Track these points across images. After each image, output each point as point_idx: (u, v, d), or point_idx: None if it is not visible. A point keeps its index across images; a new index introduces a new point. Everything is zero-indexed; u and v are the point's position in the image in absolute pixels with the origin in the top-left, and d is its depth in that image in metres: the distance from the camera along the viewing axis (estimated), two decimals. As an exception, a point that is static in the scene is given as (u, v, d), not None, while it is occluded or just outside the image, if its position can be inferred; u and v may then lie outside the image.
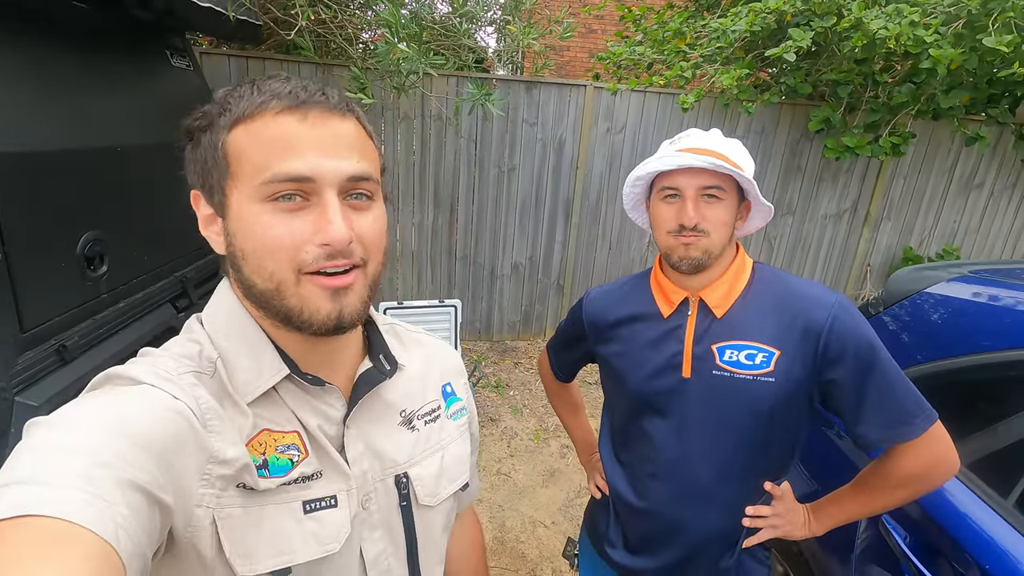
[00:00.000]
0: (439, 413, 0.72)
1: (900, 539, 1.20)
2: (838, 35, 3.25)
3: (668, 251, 1.02)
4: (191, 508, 0.49)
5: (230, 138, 0.52)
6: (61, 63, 1.64)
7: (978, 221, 4.52)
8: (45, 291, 1.47)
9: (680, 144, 1.01)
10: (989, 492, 1.14)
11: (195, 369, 0.54)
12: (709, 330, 1.02)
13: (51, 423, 0.43)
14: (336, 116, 0.53)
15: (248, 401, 0.55)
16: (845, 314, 0.97)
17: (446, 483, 0.70)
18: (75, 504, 0.36)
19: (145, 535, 0.41)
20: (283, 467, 0.56)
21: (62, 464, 0.39)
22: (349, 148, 0.53)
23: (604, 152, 4.06)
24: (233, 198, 0.53)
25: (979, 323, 1.35)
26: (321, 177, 0.51)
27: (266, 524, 0.54)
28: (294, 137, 0.51)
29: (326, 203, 0.51)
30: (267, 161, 0.51)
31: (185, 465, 0.48)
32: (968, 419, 1.26)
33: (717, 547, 1.07)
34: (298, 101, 0.51)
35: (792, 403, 1.00)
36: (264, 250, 0.51)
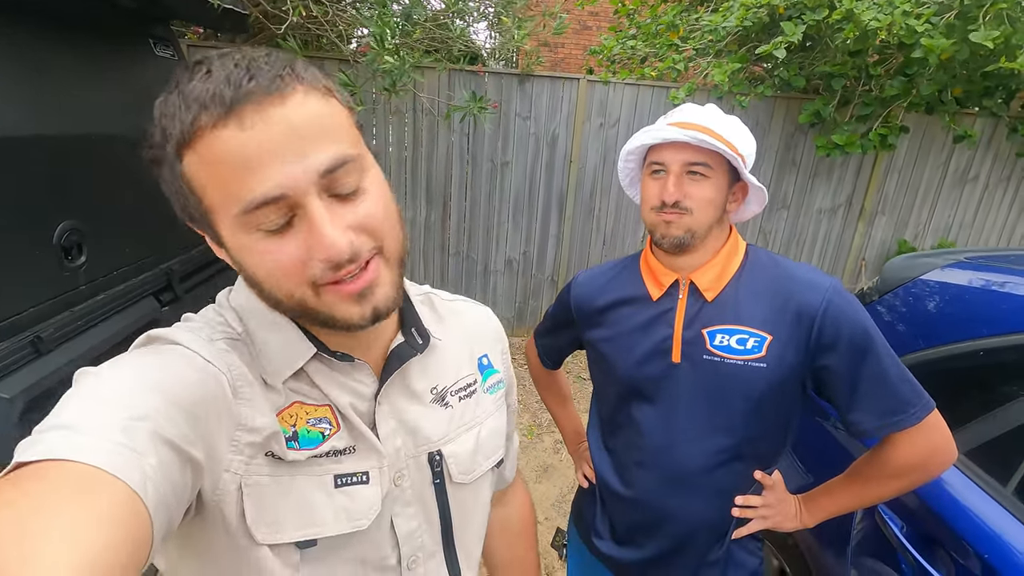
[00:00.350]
0: (475, 388, 0.70)
1: (897, 529, 1.17)
2: (830, 27, 3.23)
3: (651, 228, 1.00)
4: (219, 472, 0.49)
5: (184, 170, 0.46)
6: (38, 48, 1.60)
7: (972, 215, 4.51)
8: (19, 281, 1.42)
9: (671, 118, 0.99)
10: (987, 480, 1.11)
11: (229, 336, 0.54)
12: (700, 314, 0.99)
13: (98, 374, 0.45)
14: (275, 101, 0.44)
15: (277, 383, 0.55)
16: (840, 298, 0.93)
17: (481, 460, 0.68)
18: (107, 453, 0.38)
19: (172, 490, 0.41)
20: (314, 440, 0.55)
21: (102, 414, 0.41)
22: (309, 137, 0.45)
23: (598, 146, 4.03)
24: (222, 231, 0.48)
25: (976, 309, 1.32)
26: (293, 188, 0.44)
27: (295, 495, 0.53)
28: (240, 152, 0.43)
29: (311, 215, 0.46)
30: (228, 191, 0.45)
31: (216, 428, 0.48)
32: (966, 406, 1.24)
33: (706, 537, 1.04)
34: (226, 105, 0.43)
35: (784, 389, 0.97)
36: (272, 276, 0.49)
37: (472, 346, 0.72)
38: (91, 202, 1.69)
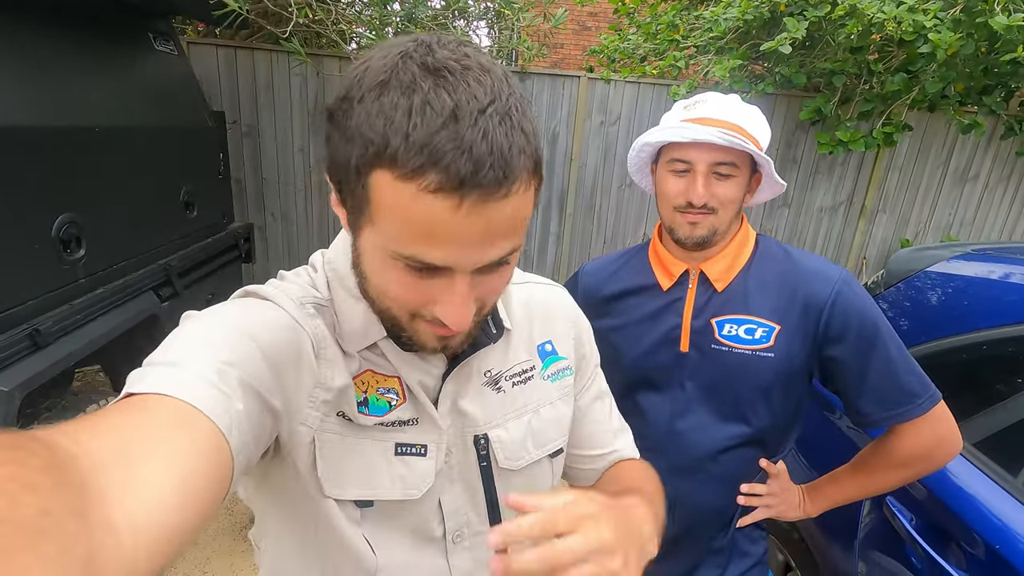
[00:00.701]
0: (531, 374, 0.68)
1: (906, 521, 1.16)
2: (833, 23, 3.22)
3: (673, 226, 0.97)
4: (295, 424, 0.53)
5: (374, 179, 0.44)
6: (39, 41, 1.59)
7: (973, 213, 4.50)
8: (17, 273, 1.41)
9: (696, 111, 0.94)
10: (997, 470, 1.10)
11: (317, 301, 0.58)
12: (709, 303, 0.98)
13: (200, 317, 0.50)
14: (497, 198, 0.43)
15: (353, 351, 0.58)
16: (848, 289, 0.93)
17: (532, 447, 0.67)
18: (203, 394, 0.41)
19: (253, 434, 0.45)
20: (382, 408, 0.58)
21: (202, 356, 0.45)
22: (500, 236, 0.46)
23: (598, 144, 4.03)
24: (366, 234, 0.48)
25: (982, 300, 1.31)
26: (459, 266, 0.46)
27: (358, 456, 0.57)
28: (442, 228, 0.43)
29: (456, 285, 0.47)
30: (405, 238, 0.45)
31: (297, 383, 0.52)
32: (974, 397, 1.22)
33: (711, 525, 1.04)
34: (458, 180, 0.41)
35: (791, 379, 0.97)
36: (385, 295, 0.51)
37: (533, 331, 0.70)
38: (90, 196, 1.68)
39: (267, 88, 3.62)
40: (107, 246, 1.76)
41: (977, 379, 1.26)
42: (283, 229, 3.94)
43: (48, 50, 1.62)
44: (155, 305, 1.96)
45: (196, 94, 2.49)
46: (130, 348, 1.91)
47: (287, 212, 3.90)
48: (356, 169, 0.45)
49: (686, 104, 0.98)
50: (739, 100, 0.96)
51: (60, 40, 1.68)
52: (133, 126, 1.92)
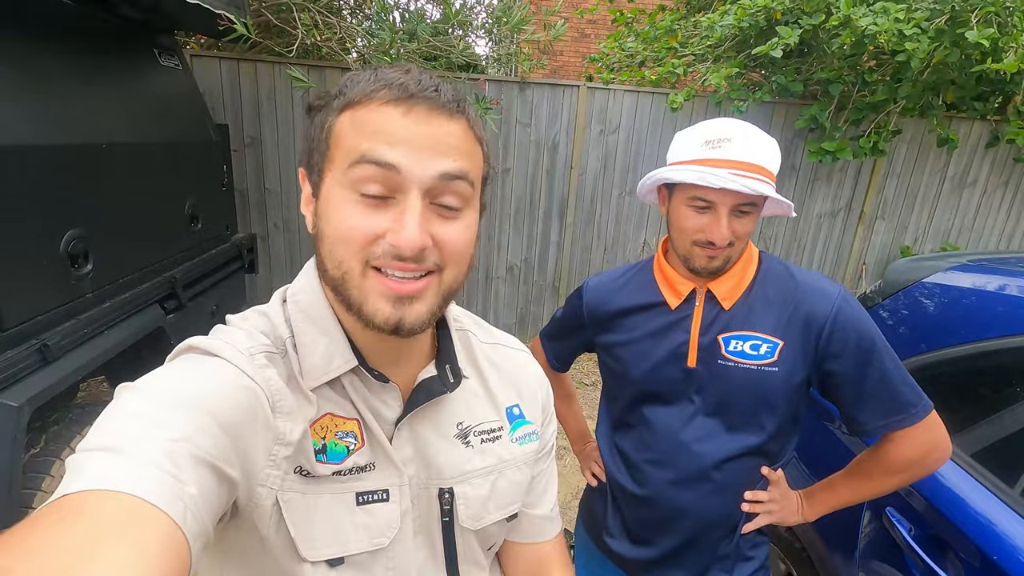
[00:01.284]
0: (500, 434, 0.67)
1: (905, 531, 1.17)
2: (827, 32, 3.26)
3: (689, 256, 0.99)
4: (254, 486, 0.50)
5: (338, 122, 0.51)
6: (46, 58, 1.61)
7: (972, 219, 4.53)
8: (26, 289, 1.43)
9: (722, 152, 0.93)
10: (994, 481, 1.11)
11: (268, 350, 0.54)
12: (716, 320, 1.01)
13: (137, 389, 0.46)
14: (443, 115, 0.50)
15: (313, 386, 0.55)
16: (847, 306, 0.97)
17: (493, 509, 0.65)
18: (150, 483, 0.38)
19: (210, 514, 0.42)
20: (339, 454, 0.55)
21: (145, 435, 0.41)
22: (448, 148, 0.50)
23: (598, 153, 4.05)
24: (326, 179, 0.52)
25: (980, 311, 1.33)
26: (407, 170, 0.48)
27: (322, 512, 0.54)
28: (392, 128, 0.49)
29: (407, 204, 0.49)
30: (357, 145, 0.49)
31: (253, 443, 0.49)
32: (972, 408, 1.24)
33: (718, 533, 1.06)
34: (406, 94, 0.49)
35: (793, 391, 1.00)
36: (339, 238, 0.50)
37: (505, 393, 0.69)
38: (97, 210, 1.70)
39: (269, 99, 3.65)
40: (114, 260, 1.79)
41: (974, 390, 1.27)
42: (285, 239, 3.97)
43: (55, 68, 1.65)
44: (161, 318, 1.98)
45: (200, 108, 2.52)
46: (136, 360, 1.93)
47: (289, 222, 3.92)
48: (323, 128, 0.52)
49: (708, 139, 0.96)
50: (761, 135, 0.96)
51: (66, 57, 1.71)
52: (139, 141, 1.95)
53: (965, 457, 1.19)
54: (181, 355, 0.53)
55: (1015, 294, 1.30)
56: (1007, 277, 1.38)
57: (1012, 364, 1.20)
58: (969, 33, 2.83)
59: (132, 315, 1.84)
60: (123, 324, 1.79)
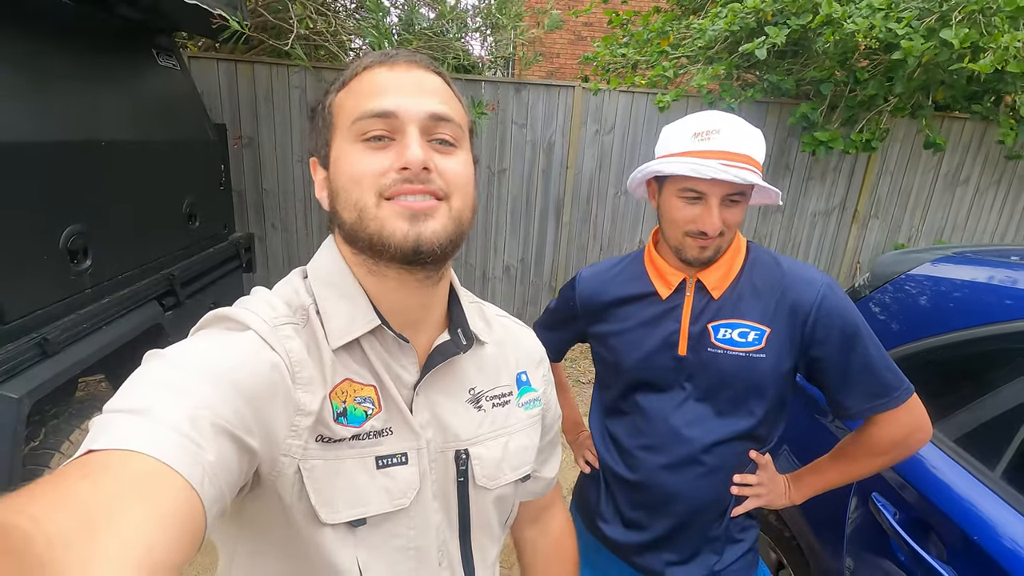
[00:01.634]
0: (509, 399, 0.71)
1: (890, 516, 1.20)
2: (814, 32, 3.31)
3: (681, 247, 1.02)
4: (276, 456, 0.52)
5: (336, 98, 0.59)
6: (45, 57, 1.64)
7: (965, 217, 4.56)
8: (27, 284, 1.45)
9: (710, 143, 0.96)
10: (976, 464, 1.14)
11: (291, 320, 0.57)
12: (706, 309, 1.04)
13: (166, 357, 0.48)
14: (421, 68, 0.58)
15: (337, 346, 0.58)
16: (832, 294, 0.99)
17: (507, 469, 0.69)
18: (172, 446, 0.39)
19: (227, 481, 0.43)
20: (358, 418, 0.58)
21: (170, 400, 0.43)
22: (432, 92, 0.57)
23: (594, 152, 4.09)
24: (334, 146, 0.58)
25: (961, 301, 1.35)
26: (403, 111, 0.55)
27: (343, 476, 0.56)
28: (381, 82, 0.56)
29: (407, 136, 0.55)
30: (357, 104, 0.56)
31: (275, 415, 0.51)
32: (954, 395, 1.27)
33: (709, 516, 1.09)
34: (387, 56, 0.58)
35: (780, 377, 1.03)
36: (351, 181, 0.55)
37: (514, 360, 0.74)
38: (97, 207, 1.72)
39: (267, 100, 3.68)
40: (113, 256, 1.81)
41: (957, 378, 1.30)
42: (283, 239, 3.99)
43: (55, 66, 1.67)
44: (159, 315, 2.00)
45: (198, 108, 2.54)
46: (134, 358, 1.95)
47: (287, 222, 3.95)
48: (325, 108, 0.60)
49: (697, 131, 0.98)
50: (747, 127, 0.98)
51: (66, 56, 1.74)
52: (138, 140, 1.97)
53: (948, 442, 1.21)
54: (209, 326, 0.55)
55: (995, 283, 1.33)
56: (989, 268, 1.40)
57: (992, 351, 1.23)
58: (944, 32, 2.88)
59: (131, 311, 1.86)
60: (122, 320, 1.81)
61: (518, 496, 0.75)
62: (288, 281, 0.62)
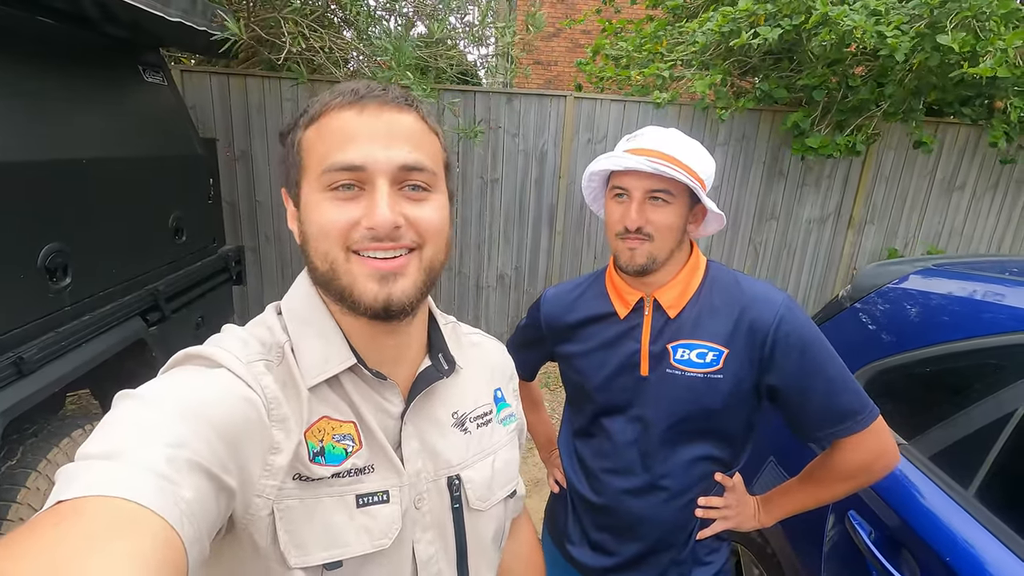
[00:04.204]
0: (490, 417, 0.71)
1: (865, 535, 1.18)
2: (808, 32, 3.30)
3: (616, 252, 1.02)
4: (250, 496, 0.51)
5: (304, 136, 0.57)
6: (26, 76, 1.65)
7: (962, 222, 4.53)
8: (2, 303, 1.46)
9: (635, 143, 1.00)
10: (950, 483, 1.12)
11: (265, 357, 0.56)
12: (664, 329, 1.03)
13: (137, 397, 0.47)
14: (392, 109, 0.55)
15: (312, 384, 0.57)
16: (790, 314, 0.98)
17: (496, 488, 0.69)
18: (148, 488, 0.38)
19: (207, 521, 0.42)
20: (338, 456, 0.56)
21: (142, 441, 0.42)
22: (404, 139, 0.55)
23: (586, 161, 4.08)
24: (303, 189, 0.57)
25: (938, 315, 1.34)
26: (372, 165, 0.53)
27: (320, 516, 0.55)
28: (350, 129, 0.54)
29: (376, 190, 0.54)
30: (327, 152, 0.54)
31: (250, 453, 0.50)
32: (930, 411, 1.25)
33: (674, 539, 1.07)
34: (357, 96, 0.55)
35: (741, 398, 1.01)
36: (321, 233, 0.54)
37: (489, 377, 0.74)
38: (78, 225, 1.73)
39: (259, 113, 3.70)
40: (94, 274, 1.81)
41: (931, 394, 1.28)
42: (276, 250, 4.00)
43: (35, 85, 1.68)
44: (142, 330, 2.00)
45: (186, 123, 2.56)
46: (119, 371, 1.95)
47: (280, 233, 3.96)
48: (294, 144, 0.58)
49: (628, 137, 1.03)
50: (679, 134, 1.00)
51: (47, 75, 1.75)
52: (121, 157, 1.98)
53: (923, 459, 1.20)
54: (179, 365, 0.54)
55: (973, 297, 1.31)
56: (968, 281, 1.39)
57: (967, 367, 1.21)
58: (941, 37, 2.87)
59: (113, 327, 1.86)
60: (103, 336, 1.81)
61: (508, 514, 0.74)
62: (262, 319, 0.62)
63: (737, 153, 4.18)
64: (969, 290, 1.36)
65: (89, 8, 1.79)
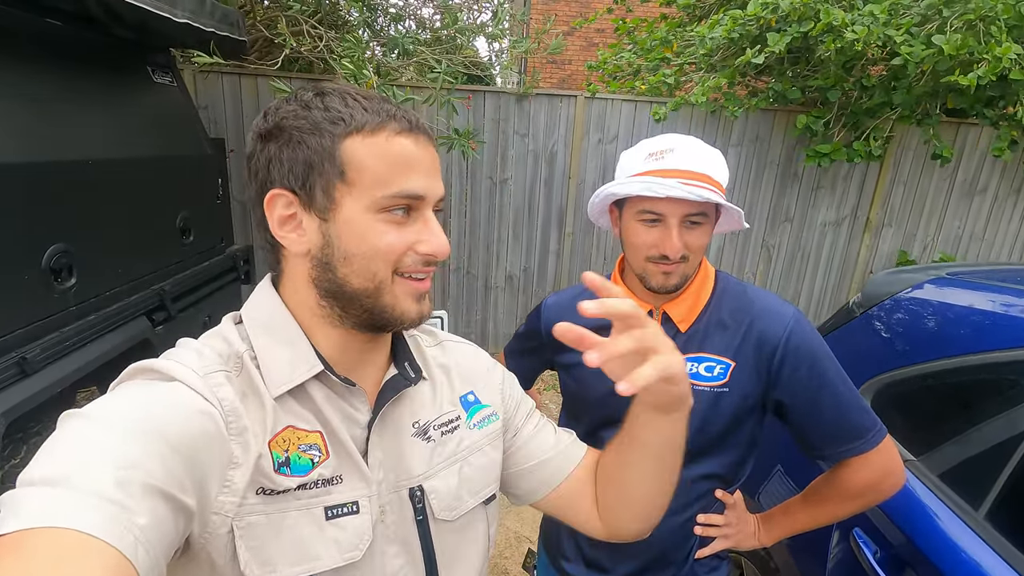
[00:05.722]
0: (458, 423, 0.69)
1: (870, 554, 1.14)
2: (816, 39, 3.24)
3: (645, 274, 0.98)
4: (208, 514, 0.49)
5: (347, 146, 0.54)
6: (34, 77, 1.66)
7: (983, 227, 4.42)
8: (6, 304, 1.47)
9: (663, 162, 0.93)
10: (959, 503, 1.08)
11: (223, 368, 0.55)
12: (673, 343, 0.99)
13: (84, 416, 0.44)
14: (431, 143, 0.59)
15: (278, 394, 0.56)
16: (800, 328, 0.95)
17: (467, 496, 0.67)
18: (98, 515, 0.36)
19: (164, 547, 0.41)
20: (304, 467, 0.55)
21: (92, 463, 0.39)
22: (438, 172, 0.60)
23: (597, 162, 4.05)
24: (346, 204, 0.55)
25: (951, 327, 1.29)
26: (428, 195, 0.57)
27: (287, 531, 0.53)
28: (412, 159, 0.56)
29: (427, 219, 0.58)
30: (391, 177, 0.55)
31: (209, 469, 0.48)
32: (940, 426, 1.21)
33: (672, 557, 1.05)
34: (411, 126, 0.57)
35: (746, 413, 0.98)
36: (375, 253, 0.55)
37: (455, 384, 0.72)
38: (83, 226, 1.74)
39: (270, 113, 3.72)
40: (99, 274, 1.82)
41: (942, 408, 1.24)
42: (286, 249, 4.02)
43: (43, 86, 1.70)
44: (147, 330, 2.01)
45: (195, 123, 2.57)
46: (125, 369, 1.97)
47: (290, 232, 3.98)
48: (326, 151, 0.54)
49: (651, 151, 0.95)
50: (702, 145, 0.95)
51: (56, 76, 1.76)
52: (129, 157, 1.99)
53: (932, 477, 1.16)
54: (130, 379, 0.52)
55: (989, 309, 1.27)
56: (985, 292, 1.34)
57: (981, 381, 1.17)
58: (936, 37, 2.80)
59: (118, 327, 1.87)
60: (108, 336, 1.82)
61: (492, 522, 0.72)
62: (217, 331, 0.60)
63: (750, 154, 4.11)
64: (985, 301, 1.31)
65: (95, 9, 1.80)
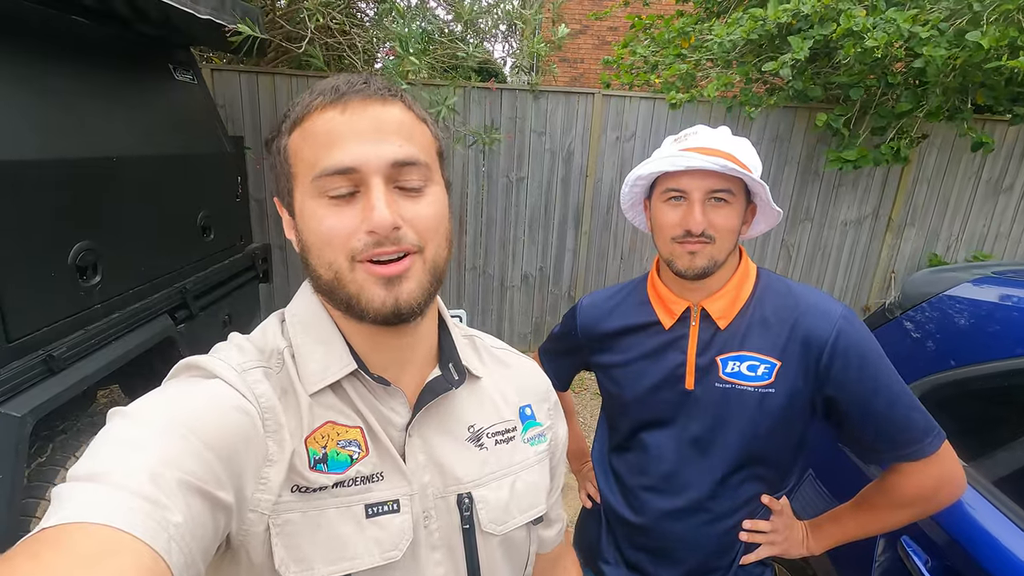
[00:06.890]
0: (513, 435, 0.67)
1: (920, 563, 1.10)
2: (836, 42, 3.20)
3: (671, 258, 0.96)
4: (245, 512, 0.49)
5: (290, 142, 0.54)
6: (59, 74, 1.65)
7: (1009, 226, 4.33)
8: (34, 301, 1.46)
9: (687, 143, 0.95)
10: (1017, 511, 1.03)
11: (263, 364, 0.55)
12: (713, 341, 0.97)
13: (128, 414, 0.45)
14: (376, 102, 0.52)
15: (313, 391, 0.55)
16: (850, 327, 0.91)
17: (516, 512, 0.64)
18: (133, 513, 0.37)
19: (200, 544, 0.41)
20: (342, 463, 0.54)
21: (130, 462, 0.40)
22: (392, 133, 0.52)
23: (614, 160, 4.01)
24: (296, 197, 0.55)
25: (1008, 325, 1.24)
26: (364, 165, 0.51)
27: (325, 529, 0.52)
28: (335, 130, 0.51)
29: (371, 191, 0.51)
30: (316, 157, 0.52)
31: (245, 466, 0.48)
32: (994, 431, 1.16)
33: (716, 563, 1.01)
34: (338, 94, 0.52)
35: (793, 414, 0.95)
36: (321, 242, 0.52)
37: (515, 393, 0.70)
38: (108, 223, 1.73)
39: (287, 111, 3.71)
40: (123, 272, 1.82)
41: (1000, 412, 1.19)
42: (303, 248, 4.02)
43: (67, 84, 1.69)
44: (170, 328, 2.01)
45: (215, 121, 2.56)
46: (148, 367, 1.96)
47: (306, 231, 3.97)
48: (281, 154, 0.55)
49: (675, 137, 0.97)
50: (729, 132, 0.96)
51: (80, 73, 1.75)
52: (151, 155, 1.99)
53: (987, 484, 1.11)
54: (177, 375, 0.53)
55: (1042, 309, 1.22)
56: (1034, 290, 1.29)
57: (1038, 385, 1.12)
58: (971, 34, 2.74)
59: (141, 325, 1.87)
60: (131, 335, 1.81)
61: (533, 542, 0.69)
62: (263, 326, 0.60)
63: (770, 152, 4.05)
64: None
65: (121, 6, 1.79)
